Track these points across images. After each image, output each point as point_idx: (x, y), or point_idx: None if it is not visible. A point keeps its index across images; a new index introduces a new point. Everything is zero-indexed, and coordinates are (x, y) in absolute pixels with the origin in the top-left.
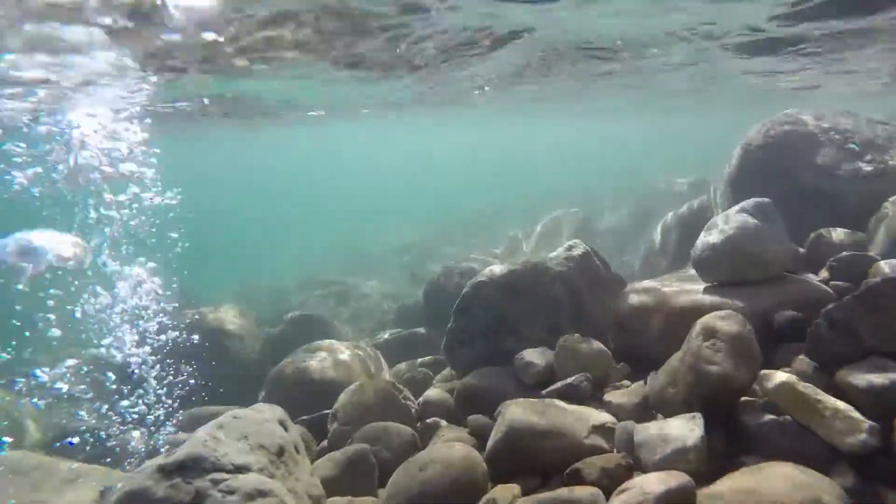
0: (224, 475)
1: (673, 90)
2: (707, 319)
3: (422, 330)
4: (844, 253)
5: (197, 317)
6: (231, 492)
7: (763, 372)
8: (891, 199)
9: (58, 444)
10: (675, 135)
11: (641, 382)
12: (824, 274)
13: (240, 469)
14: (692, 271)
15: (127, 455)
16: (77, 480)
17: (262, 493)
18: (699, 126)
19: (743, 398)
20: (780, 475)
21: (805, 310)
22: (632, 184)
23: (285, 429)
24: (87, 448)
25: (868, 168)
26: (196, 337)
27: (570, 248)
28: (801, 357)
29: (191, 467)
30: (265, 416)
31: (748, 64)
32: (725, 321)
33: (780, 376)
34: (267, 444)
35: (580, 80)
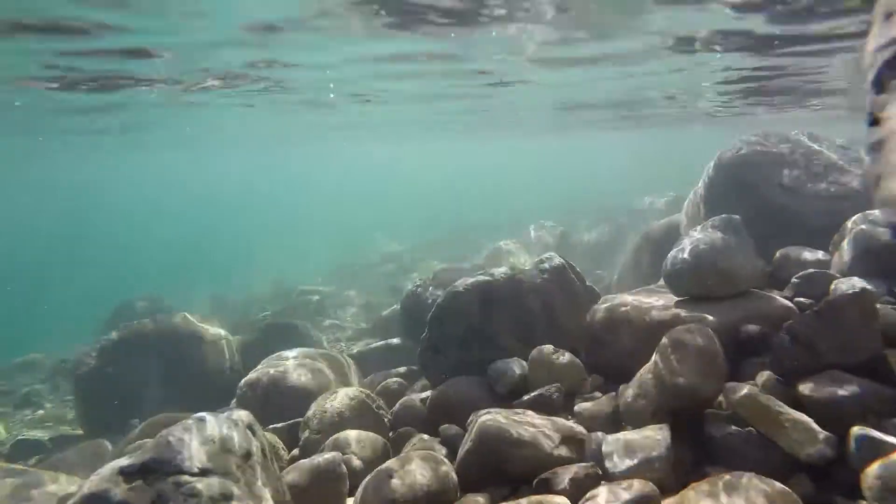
0: (187, 478)
1: (654, 114)
2: (675, 332)
3: (397, 340)
4: (808, 270)
5: (169, 322)
6: (194, 495)
7: (728, 384)
8: (852, 218)
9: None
10: (657, 151)
11: (612, 394)
12: (789, 291)
13: (204, 472)
14: (663, 286)
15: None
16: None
17: (226, 498)
18: (680, 143)
19: (709, 410)
20: (740, 481)
21: (770, 325)
22: (610, 201)
23: (253, 433)
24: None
25: (831, 189)
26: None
27: (545, 260)
28: (765, 371)
29: (153, 469)
30: (232, 420)
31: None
32: (693, 334)
33: (744, 389)
34: (233, 448)
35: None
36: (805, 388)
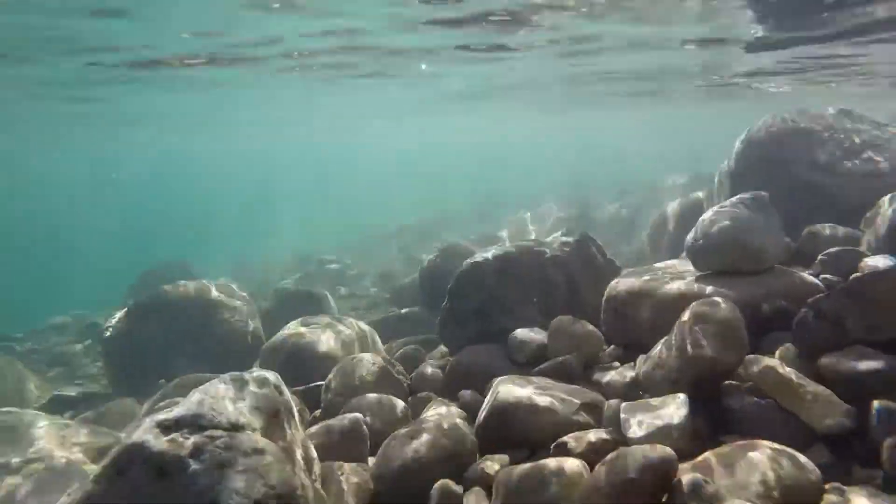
0: (220, 432)
1: (679, 89)
2: (698, 305)
3: (416, 309)
4: (835, 248)
5: (192, 288)
6: (228, 448)
7: (749, 356)
8: (885, 197)
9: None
10: (680, 128)
11: (631, 364)
12: (815, 268)
13: (236, 427)
14: (686, 261)
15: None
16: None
17: (258, 452)
18: (705, 120)
19: (728, 381)
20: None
21: (794, 301)
22: (631, 178)
23: (280, 393)
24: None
25: (866, 167)
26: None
27: (566, 233)
28: (787, 345)
29: (189, 424)
30: (262, 379)
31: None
32: (715, 307)
33: (764, 361)
34: (262, 406)
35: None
36: (828, 362)
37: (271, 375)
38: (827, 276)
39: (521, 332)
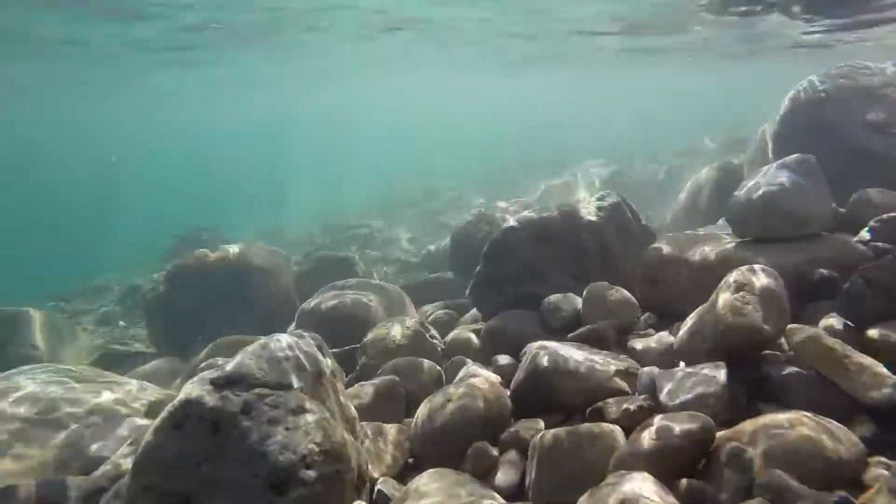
0: (269, 391)
1: (720, 46)
2: (739, 272)
3: (449, 275)
4: (888, 215)
5: (231, 252)
6: (276, 406)
7: (791, 326)
8: None
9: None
10: (717, 90)
11: (666, 332)
12: (864, 235)
13: (283, 386)
14: (726, 226)
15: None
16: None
17: (304, 410)
18: (747, 80)
19: (768, 351)
20: (800, 419)
21: (840, 269)
22: (665, 140)
23: (323, 354)
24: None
25: None
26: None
27: (601, 197)
28: (832, 314)
29: (239, 381)
30: (305, 342)
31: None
32: (757, 275)
33: (807, 330)
34: (307, 367)
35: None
36: (875, 332)
37: (314, 337)
38: (878, 243)
39: (555, 298)
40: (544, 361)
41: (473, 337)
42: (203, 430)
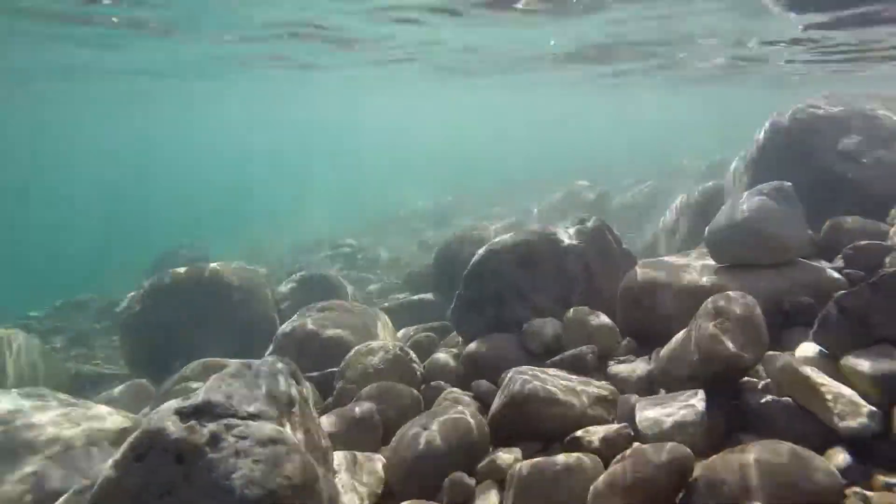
0: (237, 421)
1: (705, 72)
2: (716, 299)
3: (430, 296)
4: (861, 242)
5: (206, 270)
6: (244, 437)
7: (768, 353)
8: None
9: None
10: (701, 113)
11: (646, 358)
12: (838, 262)
13: (252, 417)
14: (705, 251)
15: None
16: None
17: (274, 441)
18: (726, 104)
19: (746, 378)
20: (775, 449)
21: (816, 296)
22: (650, 161)
23: (296, 381)
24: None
25: (894, 157)
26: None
27: (582, 221)
28: (808, 342)
29: (206, 412)
30: (277, 369)
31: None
32: (735, 302)
33: (784, 358)
34: (278, 395)
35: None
36: (851, 361)
37: (287, 364)
38: (851, 270)
39: (536, 323)
40: (523, 388)
41: (453, 361)
42: (166, 462)
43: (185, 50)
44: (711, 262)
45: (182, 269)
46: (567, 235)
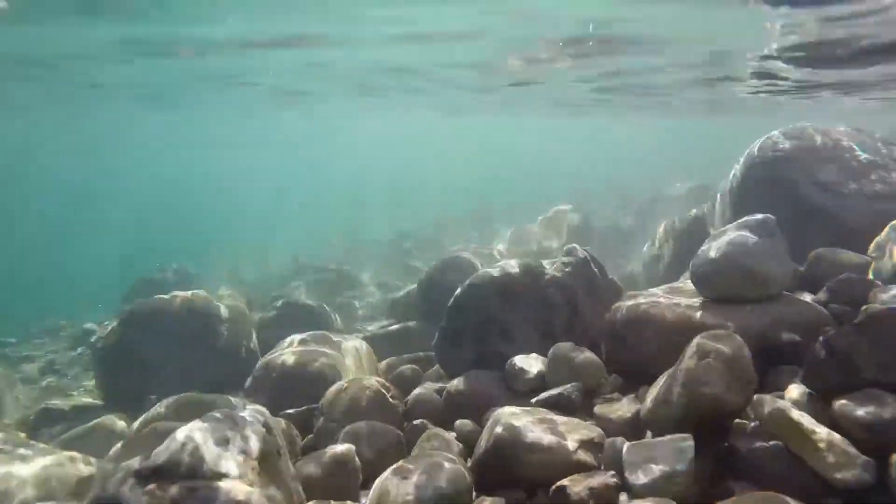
0: (202, 483)
1: (681, 98)
2: (703, 339)
3: (413, 324)
4: (844, 275)
5: (184, 298)
6: (209, 500)
7: (757, 396)
8: (893, 222)
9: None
10: (680, 137)
11: (633, 395)
12: (823, 295)
13: (218, 476)
14: (690, 284)
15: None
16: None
17: (240, 503)
18: (704, 129)
19: (737, 420)
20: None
21: (802, 332)
22: (632, 186)
23: (269, 431)
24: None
25: (874, 188)
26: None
27: (567, 252)
28: (797, 383)
29: (167, 473)
30: (247, 419)
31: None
32: (721, 341)
33: (774, 403)
34: (248, 450)
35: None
36: (842, 406)
37: (258, 414)
38: (835, 304)
39: (519, 360)
40: (506, 433)
41: (437, 397)
42: None
43: (162, 72)
44: (696, 295)
45: (160, 297)
46: (550, 267)
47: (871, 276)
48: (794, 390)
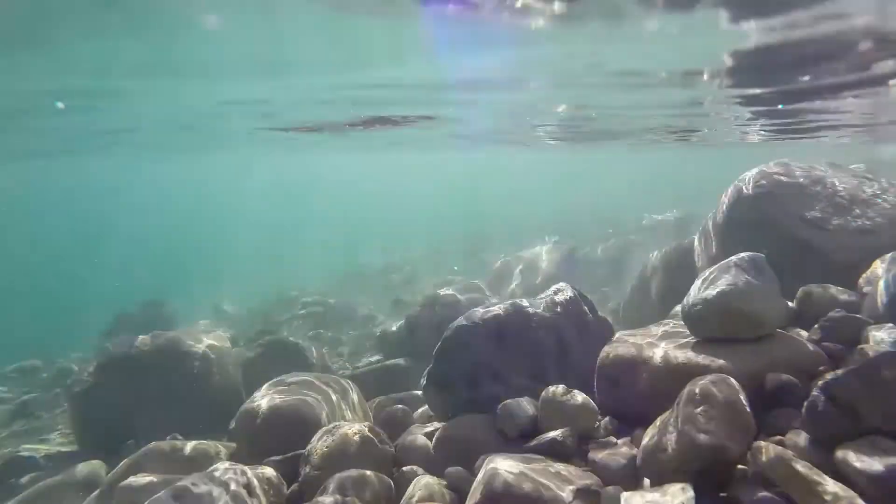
0: None
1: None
2: (698, 383)
3: (402, 361)
4: (835, 313)
5: (168, 339)
6: None
7: (757, 443)
8: (881, 258)
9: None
10: (662, 167)
11: (627, 439)
12: (815, 334)
13: None
14: (681, 322)
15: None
16: None
17: None
18: (686, 160)
19: (739, 466)
20: None
21: (797, 372)
22: (618, 216)
23: (250, 493)
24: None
25: (857, 222)
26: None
27: (556, 291)
28: (797, 430)
29: None
30: (224, 483)
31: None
32: (718, 386)
33: (775, 450)
34: None
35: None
36: (846, 455)
37: (240, 475)
38: (828, 343)
39: (510, 405)
40: (499, 486)
41: (427, 442)
42: None
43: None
44: (688, 335)
45: (139, 337)
46: (540, 308)
47: (862, 314)
48: (795, 436)
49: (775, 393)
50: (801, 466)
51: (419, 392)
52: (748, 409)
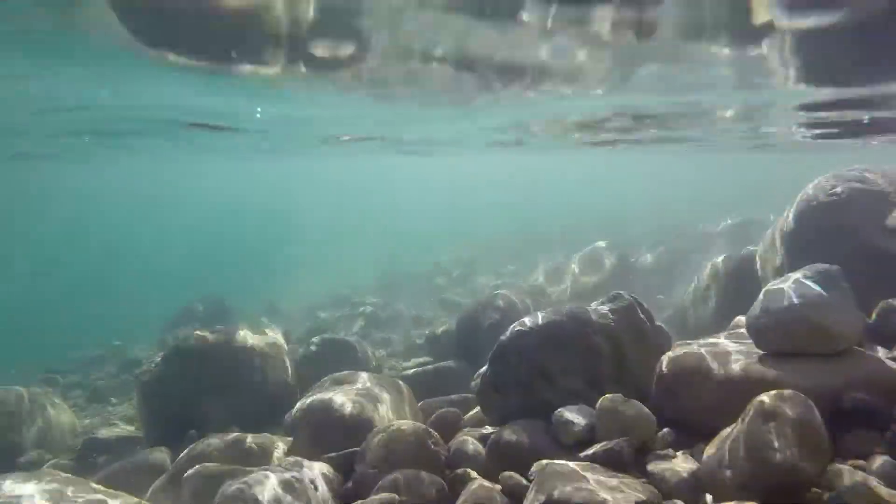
0: None
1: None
2: (768, 399)
3: (452, 364)
4: None
5: (229, 334)
6: None
7: (835, 466)
8: None
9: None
10: (723, 173)
11: (688, 452)
12: None
13: None
14: (742, 332)
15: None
16: None
17: None
18: (744, 164)
19: (813, 489)
20: None
21: (875, 390)
22: (670, 222)
23: (316, 488)
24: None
25: None
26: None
27: (614, 298)
28: (880, 454)
29: None
30: (295, 479)
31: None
32: (789, 403)
33: (856, 475)
34: None
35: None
36: None
37: (305, 471)
38: None
39: (566, 412)
40: (558, 496)
41: (480, 446)
42: None
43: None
44: (753, 348)
45: (200, 334)
46: (596, 314)
47: None
48: (877, 460)
49: (852, 414)
50: (885, 493)
51: (469, 394)
52: (823, 428)
